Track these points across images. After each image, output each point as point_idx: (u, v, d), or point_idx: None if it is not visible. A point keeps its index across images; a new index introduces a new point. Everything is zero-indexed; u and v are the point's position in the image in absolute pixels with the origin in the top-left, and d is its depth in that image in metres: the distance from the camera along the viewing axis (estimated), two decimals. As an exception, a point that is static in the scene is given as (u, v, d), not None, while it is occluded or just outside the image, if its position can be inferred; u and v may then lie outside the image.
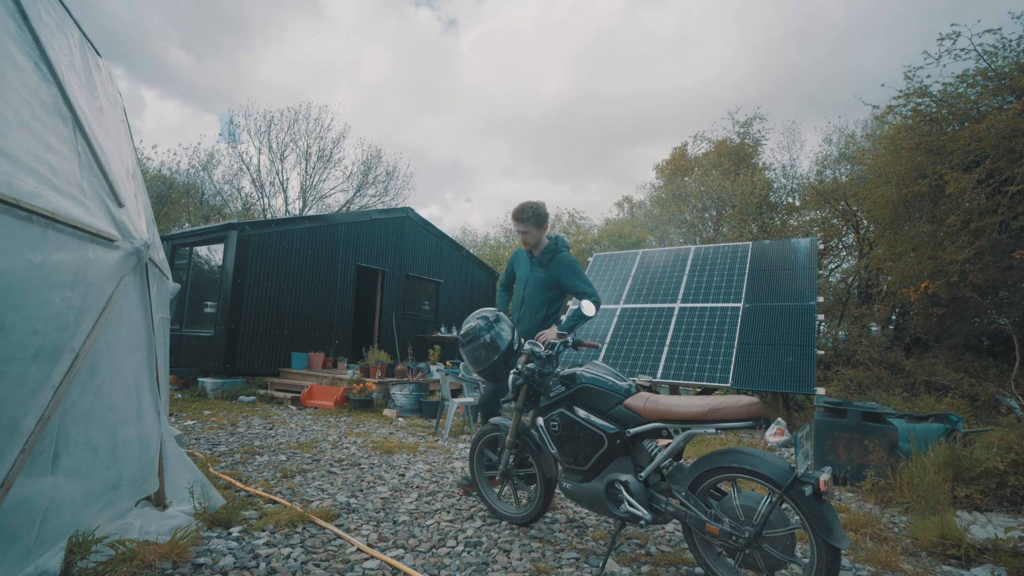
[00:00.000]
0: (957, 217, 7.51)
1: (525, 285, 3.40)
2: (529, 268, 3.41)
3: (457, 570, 2.31)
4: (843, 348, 9.95)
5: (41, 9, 2.29)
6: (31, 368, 1.75)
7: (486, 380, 2.86)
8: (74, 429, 1.99)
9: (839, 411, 4.31)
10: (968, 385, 7.37)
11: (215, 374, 8.38)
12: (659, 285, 8.48)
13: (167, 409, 2.98)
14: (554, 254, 3.36)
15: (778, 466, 1.94)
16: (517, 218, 3.29)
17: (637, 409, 2.31)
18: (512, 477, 2.91)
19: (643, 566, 2.41)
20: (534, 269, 3.39)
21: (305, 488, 3.42)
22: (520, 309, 3.40)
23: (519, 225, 3.31)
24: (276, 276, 9.23)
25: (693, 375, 6.79)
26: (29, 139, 1.83)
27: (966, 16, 23.23)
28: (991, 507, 3.41)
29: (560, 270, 3.33)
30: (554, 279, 3.33)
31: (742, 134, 18.92)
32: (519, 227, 3.32)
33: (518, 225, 3.31)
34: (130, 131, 3.41)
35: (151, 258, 2.56)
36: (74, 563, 1.92)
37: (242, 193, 21.39)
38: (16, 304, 1.68)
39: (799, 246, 7.96)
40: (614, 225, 21.04)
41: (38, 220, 1.75)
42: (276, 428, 5.61)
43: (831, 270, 14.16)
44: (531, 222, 3.28)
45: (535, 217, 3.28)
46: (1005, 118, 6.87)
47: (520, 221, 3.28)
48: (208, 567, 2.19)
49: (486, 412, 3.33)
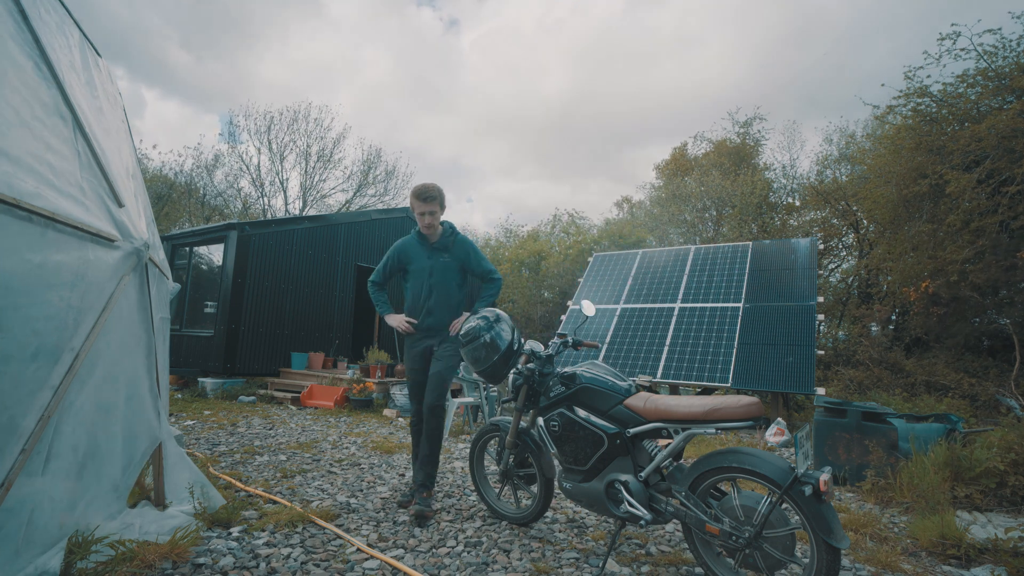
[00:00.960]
0: (957, 217, 7.51)
1: (430, 274, 3.19)
2: (428, 256, 3.21)
3: (457, 570, 2.31)
4: (843, 348, 9.95)
5: (41, 9, 2.29)
6: (31, 368, 1.75)
7: (486, 380, 2.85)
8: (71, 429, 1.99)
9: (839, 411, 4.30)
10: (968, 385, 7.37)
11: (215, 374, 8.38)
12: (659, 285, 8.47)
13: (167, 409, 2.98)
14: (454, 236, 3.26)
15: (778, 466, 1.94)
16: (425, 198, 3.07)
17: (637, 409, 2.31)
18: (512, 477, 2.91)
19: (643, 566, 2.41)
20: (435, 256, 3.21)
21: (305, 488, 3.42)
22: (428, 300, 3.16)
23: (426, 206, 3.08)
24: (276, 276, 9.23)
25: (693, 375, 6.79)
26: (29, 139, 1.83)
27: (966, 16, 23.22)
28: (991, 507, 3.41)
29: (465, 251, 3.26)
30: (460, 261, 3.25)
31: (742, 134, 18.93)
32: (426, 207, 3.08)
33: (425, 206, 3.08)
34: (130, 131, 3.41)
35: (151, 258, 2.56)
36: (74, 563, 1.92)
37: (242, 193, 21.41)
38: (16, 304, 1.67)
39: (799, 246, 7.96)
40: (614, 225, 21.02)
41: (38, 220, 1.75)
42: (276, 428, 5.61)
43: (831, 270, 14.16)
44: (437, 202, 3.12)
45: (441, 198, 3.15)
46: (1005, 118, 6.87)
47: (427, 201, 3.07)
48: (208, 567, 2.19)
49: (414, 402, 3.22)
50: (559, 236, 21.74)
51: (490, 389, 6.58)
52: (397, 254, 3.28)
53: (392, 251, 3.30)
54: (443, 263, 3.21)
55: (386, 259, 3.30)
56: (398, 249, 3.29)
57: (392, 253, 3.29)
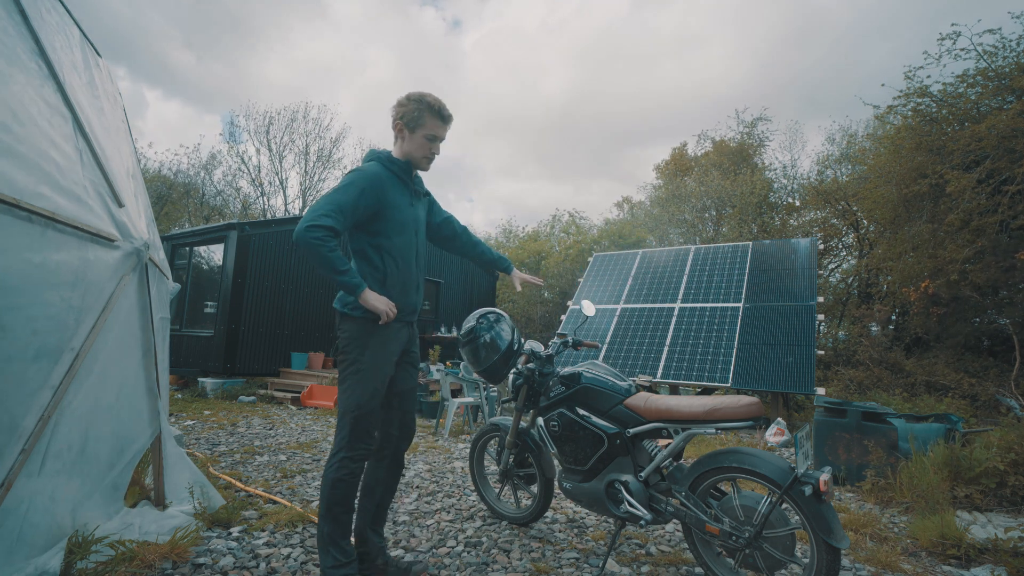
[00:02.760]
0: (957, 216, 7.51)
1: (416, 231, 2.19)
2: (410, 202, 2.17)
3: (457, 570, 2.31)
4: (843, 348, 9.95)
5: (41, 9, 2.29)
6: (31, 368, 1.75)
7: (486, 380, 2.80)
8: (72, 429, 1.99)
9: (839, 411, 4.30)
10: (968, 385, 7.37)
11: (215, 374, 8.38)
12: (659, 285, 8.47)
13: (167, 409, 2.98)
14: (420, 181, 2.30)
15: (778, 466, 1.94)
16: (447, 118, 2.16)
17: (637, 409, 2.31)
18: (512, 477, 2.91)
19: (643, 566, 2.41)
20: (417, 204, 2.22)
21: (305, 488, 3.42)
22: (419, 269, 2.22)
23: (445, 129, 2.17)
24: (276, 276, 9.23)
25: (693, 375, 6.79)
26: (30, 139, 1.83)
27: (966, 16, 23.22)
28: (991, 507, 3.41)
29: (432, 201, 2.42)
30: (426, 209, 2.35)
31: (746, 134, 18.95)
32: (444, 131, 2.17)
33: (444, 129, 2.17)
34: (130, 131, 3.41)
35: (151, 258, 2.56)
36: (74, 563, 1.92)
37: (241, 193, 21.42)
38: (16, 304, 1.68)
39: (799, 246, 7.96)
40: (614, 225, 21.03)
41: (38, 220, 1.75)
42: (276, 428, 5.61)
43: (831, 270, 14.16)
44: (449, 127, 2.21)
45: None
46: (1005, 118, 6.87)
47: (447, 123, 2.17)
48: (208, 567, 2.19)
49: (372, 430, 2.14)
50: (559, 236, 21.73)
51: (490, 389, 6.58)
52: (373, 188, 2.01)
53: (361, 179, 2.00)
54: (422, 219, 2.28)
55: (355, 193, 1.97)
56: (372, 180, 2.02)
57: (364, 183, 2.00)
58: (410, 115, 2.09)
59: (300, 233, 1.85)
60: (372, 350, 2.06)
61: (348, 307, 2.06)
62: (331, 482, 2.00)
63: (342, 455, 2.01)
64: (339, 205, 1.93)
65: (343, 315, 2.08)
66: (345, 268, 1.92)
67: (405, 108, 2.10)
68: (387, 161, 2.11)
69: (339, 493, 2.00)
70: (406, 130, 2.11)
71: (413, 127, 2.10)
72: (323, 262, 1.88)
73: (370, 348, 2.05)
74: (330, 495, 2.00)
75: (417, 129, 2.10)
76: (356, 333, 2.05)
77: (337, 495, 2.00)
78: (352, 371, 2.04)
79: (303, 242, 1.85)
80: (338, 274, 1.91)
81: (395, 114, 2.12)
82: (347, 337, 2.07)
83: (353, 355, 2.05)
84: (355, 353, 2.04)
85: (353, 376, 2.04)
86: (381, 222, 2.07)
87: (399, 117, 2.11)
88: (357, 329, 2.05)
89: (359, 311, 2.03)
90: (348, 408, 2.02)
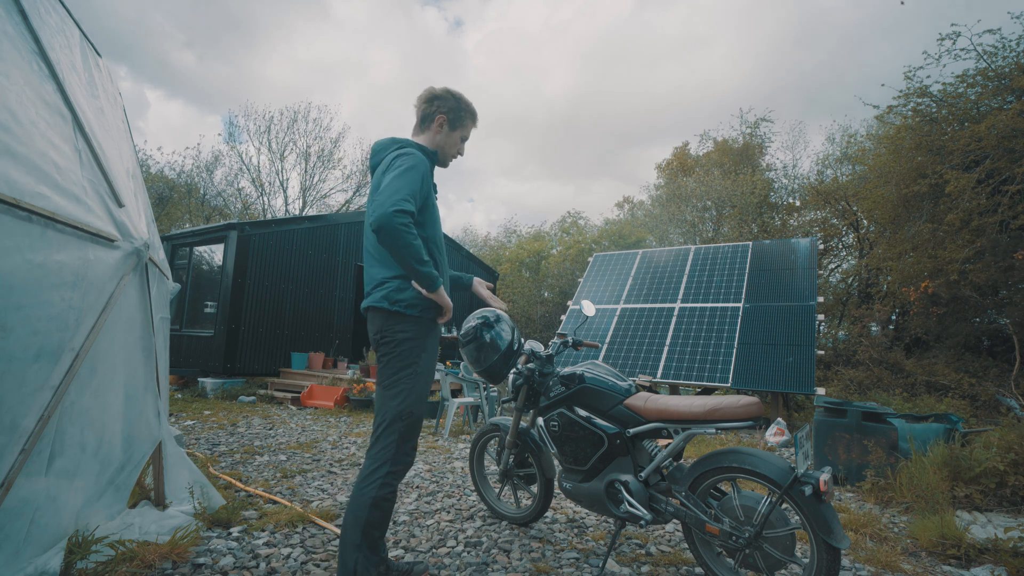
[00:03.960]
0: (956, 216, 7.51)
1: (440, 224, 2.13)
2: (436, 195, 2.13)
3: (457, 570, 2.31)
4: (843, 348, 9.94)
5: (41, 9, 2.29)
6: (32, 368, 1.75)
7: (486, 380, 2.79)
8: (71, 429, 1.99)
9: (839, 411, 4.30)
10: (968, 385, 7.36)
11: (215, 374, 8.38)
12: (659, 285, 8.47)
13: (167, 409, 2.98)
14: None
15: (778, 466, 1.94)
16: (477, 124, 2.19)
17: (637, 409, 2.31)
18: (512, 477, 2.91)
19: (643, 566, 2.41)
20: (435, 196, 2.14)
21: (305, 488, 3.42)
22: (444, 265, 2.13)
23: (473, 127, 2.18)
24: (276, 276, 9.23)
25: (693, 375, 6.79)
26: (29, 139, 1.83)
27: (966, 16, 23.23)
28: (991, 507, 3.41)
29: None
30: None
31: (749, 135, 18.95)
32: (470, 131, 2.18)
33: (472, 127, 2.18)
34: (130, 131, 3.41)
35: (151, 258, 2.56)
36: (74, 563, 1.92)
37: (242, 193, 21.42)
38: (17, 304, 1.67)
39: (799, 246, 7.96)
40: (614, 225, 21.04)
41: (38, 220, 1.75)
42: (276, 428, 5.61)
43: (831, 270, 14.16)
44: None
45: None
46: (1005, 118, 6.87)
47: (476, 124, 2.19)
48: (208, 567, 2.19)
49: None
50: (559, 236, 21.75)
51: (490, 389, 6.58)
52: (427, 175, 1.96)
53: (421, 164, 1.90)
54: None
55: (419, 178, 1.86)
56: (426, 165, 1.94)
57: (424, 168, 1.91)
58: (455, 112, 2.06)
59: (386, 218, 1.67)
60: (429, 352, 1.96)
61: (401, 305, 1.89)
62: (373, 501, 1.77)
63: (386, 469, 1.81)
64: (412, 190, 1.78)
65: (395, 314, 1.90)
66: (428, 259, 1.79)
67: (450, 104, 2.05)
68: (421, 149, 2.00)
69: (379, 514, 1.79)
70: (447, 125, 2.06)
71: (455, 125, 2.08)
72: (408, 251, 1.71)
73: (427, 350, 1.95)
74: (369, 517, 1.77)
75: (458, 127, 2.09)
76: (415, 333, 1.90)
77: (376, 517, 1.79)
78: (408, 374, 1.88)
79: (389, 228, 1.67)
80: (420, 264, 1.75)
81: (437, 106, 2.04)
82: (404, 338, 1.89)
83: (411, 357, 1.89)
84: (413, 355, 1.89)
85: (409, 380, 1.88)
86: (427, 212, 1.95)
87: (443, 110, 2.04)
88: (416, 329, 1.90)
89: (415, 309, 1.89)
90: (400, 414, 1.84)
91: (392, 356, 1.91)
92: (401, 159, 1.88)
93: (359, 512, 1.77)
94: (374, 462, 1.83)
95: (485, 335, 2.57)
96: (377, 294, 1.94)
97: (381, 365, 1.95)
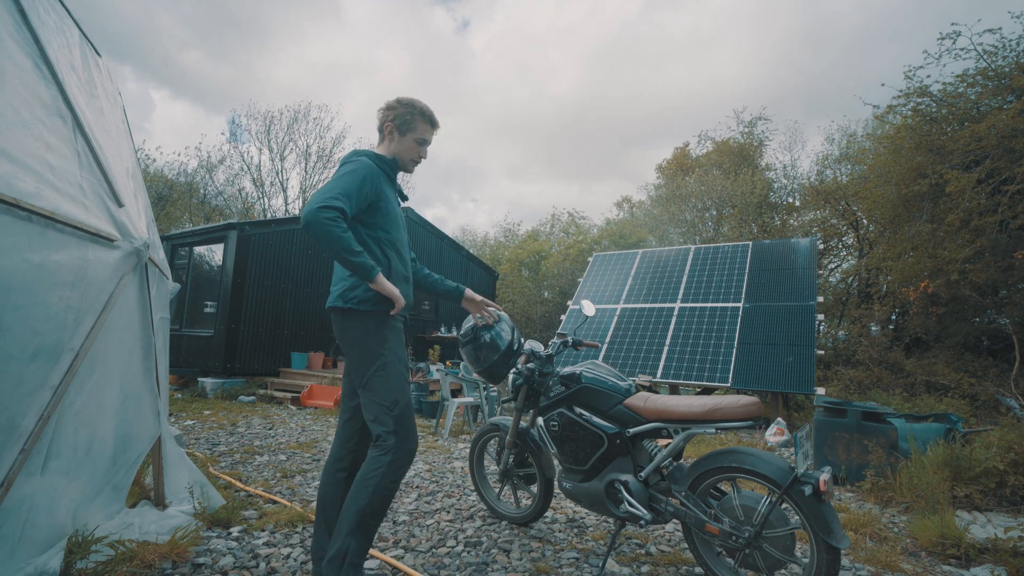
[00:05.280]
0: (956, 216, 7.51)
1: (405, 228, 2.21)
2: (396, 200, 2.21)
3: (457, 570, 2.31)
4: (843, 348, 9.94)
5: (41, 9, 2.29)
6: (31, 368, 1.75)
7: (486, 380, 2.78)
8: (67, 428, 1.99)
9: (839, 411, 4.30)
10: (968, 385, 7.36)
11: (215, 374, 8.38)
12: (659, 285, 8.47)
13: (167, 409, 2.98)
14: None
15: (778, 466, 1.94)
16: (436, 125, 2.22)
17: (637, 409, 2.31)
18: (512, 477, 2.91)
19: (643, 566, 2.41)
20: (398, 202, 2.23)
21: (305, 488, 3.42)
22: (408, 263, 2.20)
23: (433, 133, 2.22)
24: (276, 276, 9.23)
25: (693, 375, 6.79)
26: (29, 139, 1.83)
27: (966, 16, 23.23)
28: (991, 507, 3.41)
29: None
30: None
31: (746, 134, 18.95)
32: (432, 136, 2.22)
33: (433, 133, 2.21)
34: (130, 131, 3.41)
35: (151, 258, 2.56)
36: (74, 563, 1.92)
37: (242, 193, 21.43)
38: (16, 304, 1.67)
39: (799, 246, 7.96)
40: (614, 225, 21.04)
41: (38, 220, 1.75)
42: (276, 428, 5.61)
43: (831, 270, 14.16)
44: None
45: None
46: (1005, 118, 6.87)
47: (436, 128, 2.23)
48: (208, 567, 2.19)
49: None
50: (559, 236, 21.74)
51: (490, 389, 6.58)
52: (372, 178, 1.99)
53: (362, 168, 1.98)
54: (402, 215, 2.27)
55: (359, 180, 1.93)
56: (371, 169, 2.00)
57: (365, 172, 1.97)
58: (401, 118, 2.12)
59: (311, 214, 1.75)
60: (392, 340, 1.97)
61: (353, 302, 1.93)
62: (375, 488, 1.77)
63: (390, 458, 1.82)
64: (345, 190, 1.86)
65: (349, 311, 1.94)
66: (359, 249, 1.82)
67: (396, 111, 2.13)
68: (376, 158, 2.09)
69: (379, 502, 1.80)
70: (396, 132, 2.14)
71: (404, 130, 2.14)
72: (336, 243, 1.77)
73: (389, 339, 1.96)
74: (368, 503, 1.77)
75: (408, 132, 2.15)
76: (369, 327, 1.93)
77: (376, 504, 1.79)
78: (378, 370, 1.90)
79: (315, 223, 1.74)
80: (352, 255, 1.79)
81: (385, 116, 2.15)
82: (359, 335, 1.93)
83: (374, 351, 1.91)
84: (374, 349, 1.91)
85: (381, 375, 1.89)
86: (379, 215, 2.03)
87: (390, 119, 2.13)
88: (369, 323, 1.93)
89: (367, 304, 1.93)
90: (387, 407, 1.87)
91: (358, 358, 1.95)
92: (345, 167, 1.99)
93: (360, 498, 1.78)
94: (380, 451, 1.86)
95: (484, 335, 2.57)
96: (333, 294, 2.01)
97: (352, 366, 1.98)
